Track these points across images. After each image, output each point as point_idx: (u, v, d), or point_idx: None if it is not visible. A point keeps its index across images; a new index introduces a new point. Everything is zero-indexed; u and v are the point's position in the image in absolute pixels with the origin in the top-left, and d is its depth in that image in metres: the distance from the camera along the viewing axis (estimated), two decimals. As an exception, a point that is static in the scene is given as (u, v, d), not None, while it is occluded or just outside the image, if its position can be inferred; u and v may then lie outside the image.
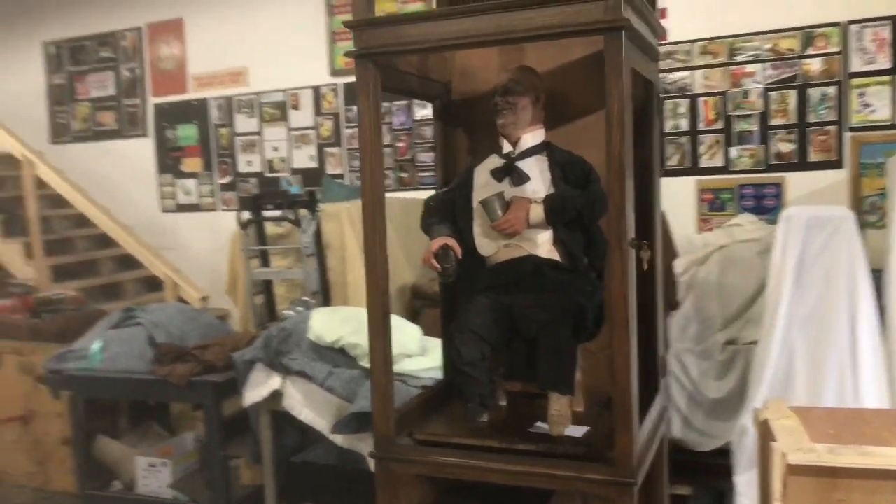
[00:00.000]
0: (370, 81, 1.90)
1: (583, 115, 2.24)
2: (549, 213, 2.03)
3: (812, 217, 3.32)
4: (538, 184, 2.09)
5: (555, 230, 2.07)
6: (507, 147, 2.16)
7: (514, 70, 2.16)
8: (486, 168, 2.17)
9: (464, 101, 2.39)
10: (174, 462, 3.85)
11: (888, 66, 4.19)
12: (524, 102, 2.11)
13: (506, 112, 2.11)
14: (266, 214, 4.53)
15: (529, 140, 2.14)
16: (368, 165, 1.92)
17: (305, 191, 5.05)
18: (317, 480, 3.72)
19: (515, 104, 2.10)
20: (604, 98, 1.70)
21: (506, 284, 2.06)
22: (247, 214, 4.49)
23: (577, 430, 2.01)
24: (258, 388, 3.42)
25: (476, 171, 2.19)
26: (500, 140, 2.17)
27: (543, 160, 2.13)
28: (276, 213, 4.50)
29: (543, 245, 2.07)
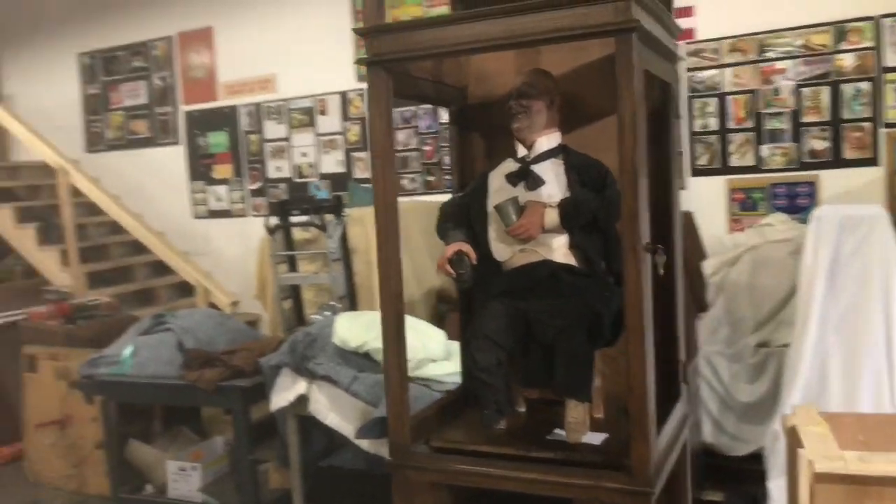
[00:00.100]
0: (382, 88, 1.89)
1: (600, 118, 2.21)
2: (564, 218, 2.01)
3: (845, 217, 3.24)
4: (553, 188, 2.07)
5: (571, 234, 2.05)
6: (522, 151, 2.14)
7: (529, 73, 2.14)
8: (501, 172, 2.15)
9: (480, 106, 2.38)
10: (204, 466, 3.90)
11: (924, 60, 4.08)
12: (538, 106, 2.09)
13: (520, 116, 2.09)
14: (293, 220, 4.56)
15: (545, 143, 2.12)
16: (380, 172, 1.92)
17: (332, 196, 5.07)
18: (343, 485, 3.73)
19: (530, 108, 2.09)
20: (621, 100, 1.68)
21: (521, 290, 2.04)
22: (274, 220, 4.53)
23: (596, 438, 1.99)
24: (284, 393, 3.44)
25: (491, 176, 2.18)
26: (516, 144, 2.16)
27: (559, 164, 2.10)
28: (303, 219, 4.52)
29: (559, 250, 2.05)
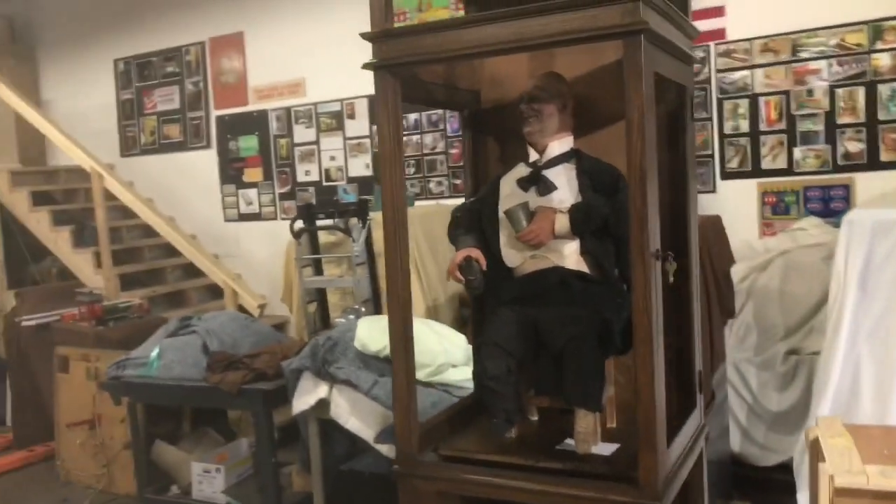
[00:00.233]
0: (389, 92, 1.88)
1: (615, 121, 2.16)
2: (574, 223, 1.97)
3: (878, 221, 3.13)
4: (565, 193, 2.03)
5: (582, 240, 2.01)
6: (534, 155, 2.11)
7: (541, 77, 2.11)
8: (513, 177, 2.13)
9: (493, 110, 2.35)
10: (227, 468, 3.93)
11: (964, 59, 3.95)
12: (550, 109, 2.06)
13: (531, 120, 2.06)
14: (318, 224, 4.58)
15: (556, 148, 2.09)
16: (389, 178, 1.90)
17: (358, 199, 5.08)
18: (364, 489, 3.72)
19: (541, 111, 2.05)
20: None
21: (531, 296, 2.00)
22: (299, 224, 4.55)
23: (607, 448, 1.94)
24: (306, 397, 3.44)
25: (502, 181, 2.15)
26: (528, 148, 2.13)
27: (571, 168, 2.07)
28: (328, 223, 4.54)
29: (570, 256, 2.02)
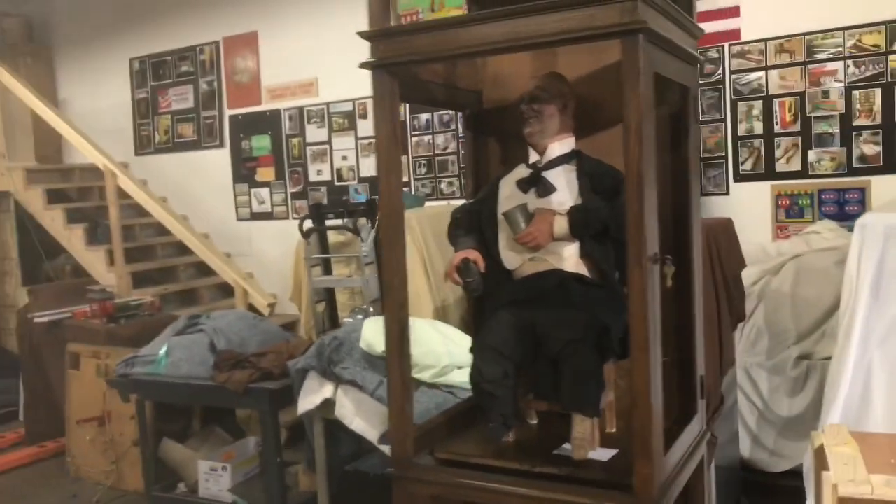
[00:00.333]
0: (387, 92, 1.86)
1: (617, 123, 2.12)
2: (573, 226, 1.94)
3: (891, 225, 3.07)
4: (565, 195, 2.00)
5: (582, 243, 1.98)
6: (534, 157, 2.08)
7: (541, 77, 2.09)
8: (513, 179, 2.10)
9: (495, 110, 2.32)
10: (234, 466, 3.93)
11: (984, 61, 3.87)
12: (551, 110, 2.03)
13: (532, 120, 2.04)
14: (327, 223, 4.58)
15: (557, 149, 2.06)
16: (385, 179, 1.89)
17: (367, 199, 5.07)
18: (369, 490, 3.71)
19: (541, 112, 2.03)
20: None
21: (530, 299, 1.98)
22: (308, 223, 4.55)
23: (605, 454, 1.92)
24: (311, 397, 3.44)
25: (502, 182, 2.13)
26: (529, 149, 2.10)
27: (572, 170, 2.04)
28: (337, 223, 4.54)
29: (570, 259, 1.99)
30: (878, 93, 4.09)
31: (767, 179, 4.41)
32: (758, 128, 4.41)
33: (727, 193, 4.52)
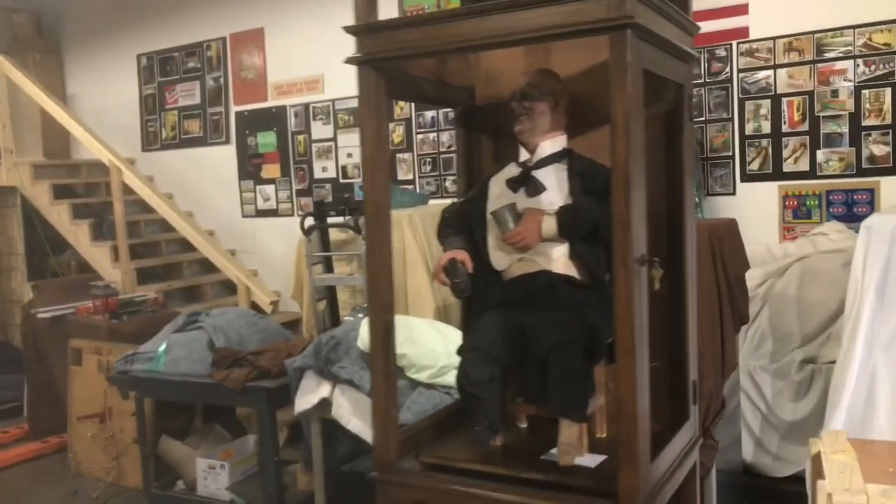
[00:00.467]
0: (372, 88, 1.82)
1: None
2: (562, 226, 1.90)
3: (897, 227, 3.02)
4: (555, 194, 1.96)
5: (571, 244, 1.94)
6: (525, 155, 2.04)
7: (533, 73, 2.04)
8: (503, 178, 2.06)
9: (488, 107, 2.28)
10: (232, 465, 3.91)
11: None
12: (542, 108, 1.99)
13: (522, 118, 2.00)
14: (329, 221, 4.55)
15: (548, 147, 2.02)
16: (371, 177, 1.85)
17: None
18: (366, 490, 3.67)
19: (532, 109, 1.99)
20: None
21: (518, 301, 1.94)
22: (309, 221, 4.52)
23: (592, 460, 1.87)
24: (308, 396, 3.41)
25: (492, 181, 2.09)
26: (520, 147, 2.06)
27: (563, 169, 2.00)
28: (339, 220, 4.51)
29: (559, 260, 1.95)
30: (888, 92, 4.02)
31: (775, 180, 4.35)
32: (765, 127, 4.35)
33: (734, 194, 4.46)
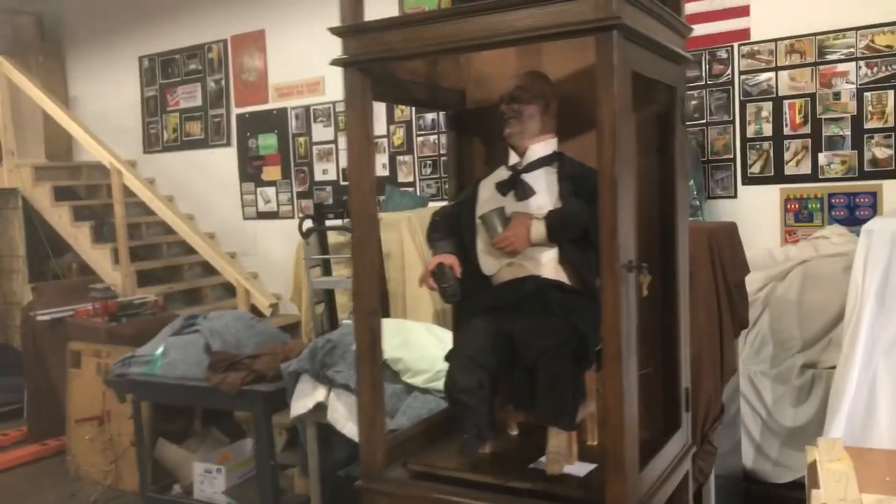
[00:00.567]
0: (358, 91, 1.80)
1: (602, 124, 2.05)
2: (551, 230, 1.87)
3: (898, 231, 2.98)
4: (544, 198, 1.93)
5: (561, 249, 1.91)
6: (514, 158, 2.01)
7: (522, 76, 2.02)
8: (493, 181, 2.03)
9: (479, 110, 2.25)
10: (229, 469, 3.89)
11: None
12: (531, 110, 1.96)
13: (511, 121, 1.97)
14: (328, 224, 4.53)
15: (538, 151, 1.99)
16: (357, 182, 1.83)
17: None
18: (361, 495, 3.66)
19: (521, 112, 1.96)
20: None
21: (507, 306, 1.91)
22: (308, 223, 4.50)
23: (582, 469, 1.84)
24: (303, 400, 3.39)
25: (482, 185, 2.06)
26: (510, 151, 2.03)
27: (553, 172, 1.97)
28: (337, 223, 4.49)
29: (548, 264, 1.92)
30: (891, 95, 3.98)
31: (776, 183, 4.31)
32: (767, 130, 4.31)
33: (735, 197, 4.42)
